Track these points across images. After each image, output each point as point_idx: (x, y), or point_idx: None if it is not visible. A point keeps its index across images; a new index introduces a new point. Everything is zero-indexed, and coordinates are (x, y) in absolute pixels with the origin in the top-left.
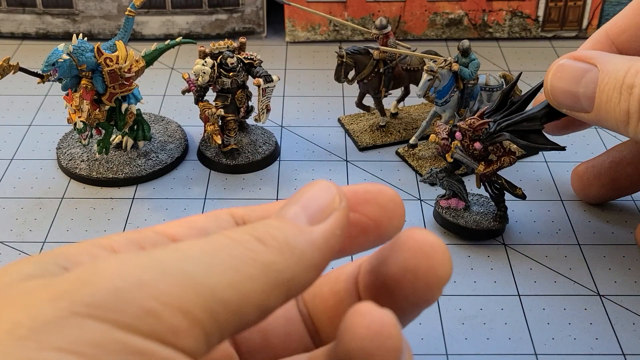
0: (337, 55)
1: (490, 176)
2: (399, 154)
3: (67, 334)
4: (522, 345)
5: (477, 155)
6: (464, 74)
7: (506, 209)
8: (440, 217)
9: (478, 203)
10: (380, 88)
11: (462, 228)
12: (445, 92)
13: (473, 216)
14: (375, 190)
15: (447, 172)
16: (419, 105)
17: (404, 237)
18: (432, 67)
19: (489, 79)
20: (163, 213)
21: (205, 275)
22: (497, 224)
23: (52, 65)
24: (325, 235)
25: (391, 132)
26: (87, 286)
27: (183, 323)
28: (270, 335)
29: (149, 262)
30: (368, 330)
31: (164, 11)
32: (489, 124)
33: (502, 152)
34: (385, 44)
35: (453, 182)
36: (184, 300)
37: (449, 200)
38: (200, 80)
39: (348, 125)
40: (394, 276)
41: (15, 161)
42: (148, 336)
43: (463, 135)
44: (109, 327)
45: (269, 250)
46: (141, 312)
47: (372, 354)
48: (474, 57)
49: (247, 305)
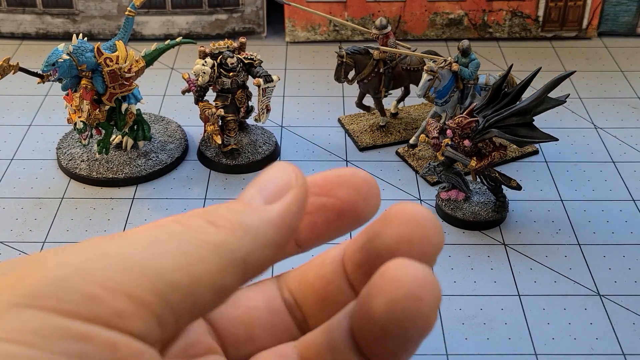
0: (337, 55)
1: (484, 170)
2: (399, 154)
3: (7, 324)
4: (522, 345)
5: (468, 151)
6: (464, 74)
7: (505, 198)
8: (441, 210)
9: (479, 193)
10: (380, 88)
11: (460, 220)
12: (445, 92)
13: (472, 207)
14: (347, 174)
15: (445, 165)
16: (419, 105)
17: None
18: (432, 67)
19: (488, 79)
20: (163, 213)
21: (152, 260)
22: (495, 214)
23: (52, 65)
24: (280, 212)
25: (391, 132)
26: (27, 279)
27: (128, 306)
28: (255, 328)
29: (92, 251)
30: (414, 277)
31: (164, 11)
32: (477, 121)
33: (492, 147)
34: (385, 44)
35: (451, 176)
36: (127, 284)
37: (449, 192)
38: (200, 80)
39: (348, 125)
40: (388, 248)
41: (16, 161)
42: (90, 320)
43: (453, 133)
44: (49, 315)
45: (221, 231)
46: (82, 297)
47: (421, 298)
48: (474, 57)
49: (200, 286)
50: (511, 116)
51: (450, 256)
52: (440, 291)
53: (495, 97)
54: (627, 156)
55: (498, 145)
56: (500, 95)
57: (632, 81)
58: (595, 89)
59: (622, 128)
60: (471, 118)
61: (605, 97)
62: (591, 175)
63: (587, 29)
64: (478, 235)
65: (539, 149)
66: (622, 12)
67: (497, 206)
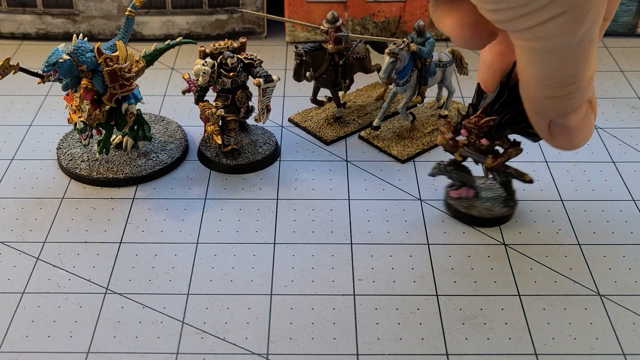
0: (296, 55)
1: (499, 168)
2: (362, 137)
3: None
4: (522, 345)
5: (484, 149)
6: (422, 53)
7: (515, 192)
8: (453, 209)
9: (486, 188)
10: (339, 80)
11: (475, 218)
12: (405, 73)
13: (484, 203)
14: None
15: (455, 164)
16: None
17: None
18: (394, 49)
19: (440, 55)
20: (163, 213)
21: None
22: (509, 209)
23: (52, 65)
24: None
25: (348, 122)
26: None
27: None
28: None
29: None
30: None
31: (164, 11)
32: (494, 120)
33: (508, 144)
34: (336, 38)
35: (461, 174)
36: None
37: (459, 190)
38: (200, 81)
39: (302, 123)
40: None
41: (16, 161)
42: None
43: (469, 133)
44: None
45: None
46: None
47: None
48: (429, 36)
49: None
50: (523, 111)
51: (450, 256)
52: None
53: (501, 93)
54: (627, 156)
55: (512, 142)
56: (505, 91)
57: (632, 81)
58: (596, 89)
59: (622, 128)
60: (487, 117)
61: (605, 97)
62: (591, 175)
63: None
64: (478, 235)
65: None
66: (622, 12)
67: (508, 199)
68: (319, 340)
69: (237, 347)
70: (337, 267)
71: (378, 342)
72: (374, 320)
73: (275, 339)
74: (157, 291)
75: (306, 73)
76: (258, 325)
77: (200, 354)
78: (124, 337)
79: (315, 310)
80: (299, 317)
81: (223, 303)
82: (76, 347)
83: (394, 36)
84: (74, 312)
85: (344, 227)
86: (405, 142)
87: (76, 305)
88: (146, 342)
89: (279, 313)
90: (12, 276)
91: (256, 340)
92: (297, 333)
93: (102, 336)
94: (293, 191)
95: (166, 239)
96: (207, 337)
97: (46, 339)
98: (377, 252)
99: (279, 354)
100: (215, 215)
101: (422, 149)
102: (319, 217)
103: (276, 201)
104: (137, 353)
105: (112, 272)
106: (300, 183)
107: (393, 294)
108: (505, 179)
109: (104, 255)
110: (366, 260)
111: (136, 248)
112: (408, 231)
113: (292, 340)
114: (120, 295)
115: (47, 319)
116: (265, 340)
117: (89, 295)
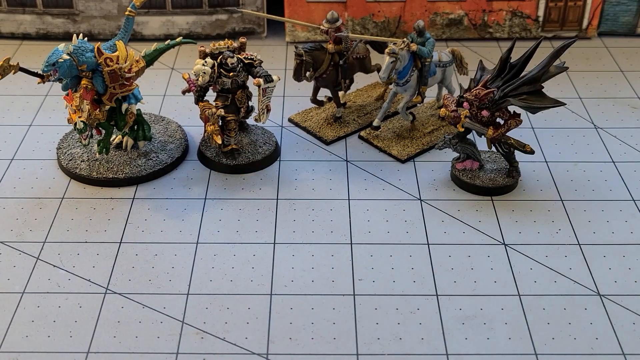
0: (296, 55)
1: (500, 138)
2: (362, 137)
3: None
4: (522, 345)
5: (485, 121)
6: (422, 53)
7: (518, 164)
8: (459, 180)
9: (491, 161)
10: (339, 80)
11: (479, 188)
12: (405, 73)
13: (488, 174)
14: None
15: (460, 137)
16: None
17: None
18: (394, 49)
19: (440, 55)
20: (163, 213)
21: None
22: (511, 179)
23: (52, 65)
24: None
25: (348, 122)
26: None
27: None
28: None
29: None
30: None
31: (164, 11)
32: (493, 92)
33: (508, 115)
34: (336, 38)
35: (466, 146)
36: None
37: (464, 162)
38: (200, 80)
39: (302, 122)
40: None
41: (16, 161)
42: None
43: (470, 105)
44: None
45: None
46: None
47: None
48: (429, 36)
49: None
50: (522, 85)
51: (450, 256)
52: None
53: (502, 69)
54: (627, 156)
55: (512, 113)
56: (507, 67)
57: (632, 81)
58: (595, 89)
59: (622, 128)
60: (487, 89)
61: (605, 97)
62: (591, 175)
63: (587, 29)
64: (478, 235)
65: (538, 148)
66: (622, 12)
67: (511, 171)
68: (319, 340)
69: (237, 347)
70: (337, 267)
71: (378, 342)
72: (374, 320)
73: (275, 339)
74: (157, 291)
75: (306, 73)
76: (258, 325)
77: (200, 354)
78: (124, 337)
79: (315, 310)
80: (299, 317)
81: (223, 303)
82: (76, 347)
83: (394, 36)
84: (74, 312)
85: (344, 227)
86: (405, 142)
87: (76, 305)
88: (146, 342)
89: (278, 313)
90: (12, 276)
91: (256, 340)
92: (297, 333)
93: (102, 336)
94: (293, 191)
95: (166, 238)
96: (207, 337)
97: (46, 339)
98: (377, 252)
99: (278, 354)
100: (215, 215)
101: (422, 149)
102: (319, 217)
103: (276, 201)
104: (137, 353)
105: (112, 272)
106: (300, 183)
107: (393, 294)
108: (507, 150)
109: (104, 255)
110: (366, 260)
111: (136, 248)
112: (408, 231)
113: (292, 340)
114: (120, 295)
115: (47, 319)
116: (265, 340)
117: (88, 295)
